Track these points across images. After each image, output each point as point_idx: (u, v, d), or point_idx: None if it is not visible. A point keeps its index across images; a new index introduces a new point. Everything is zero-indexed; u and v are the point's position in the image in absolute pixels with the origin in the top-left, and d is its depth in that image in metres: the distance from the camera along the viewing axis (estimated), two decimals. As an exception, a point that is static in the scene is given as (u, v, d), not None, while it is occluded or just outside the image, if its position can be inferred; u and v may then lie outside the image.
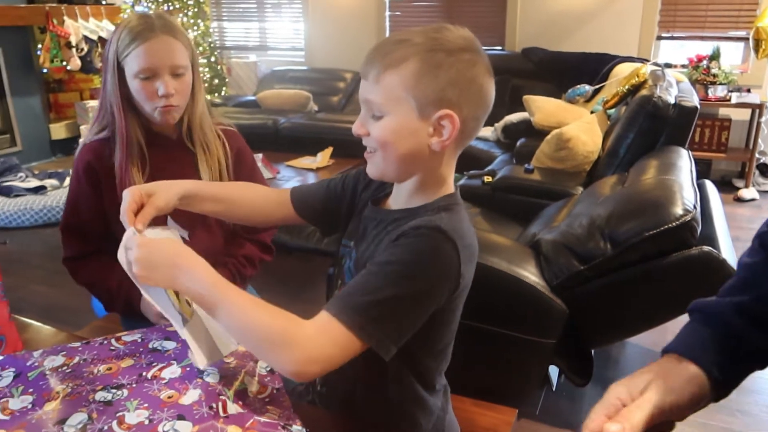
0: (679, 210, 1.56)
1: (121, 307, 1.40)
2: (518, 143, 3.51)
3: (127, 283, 1.23)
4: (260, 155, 3.69)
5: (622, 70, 3.68)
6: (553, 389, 2.07)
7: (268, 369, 0.88)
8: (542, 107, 3.59)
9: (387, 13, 5.29)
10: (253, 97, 5.39)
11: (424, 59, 0.81)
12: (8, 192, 3.87)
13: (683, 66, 4.35)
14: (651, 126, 2.42)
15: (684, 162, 2.06)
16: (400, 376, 0.92)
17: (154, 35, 1.25)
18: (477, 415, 1.19)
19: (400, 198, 0.94)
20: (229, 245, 1.53)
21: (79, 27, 4.97)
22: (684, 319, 0.76)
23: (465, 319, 0.95)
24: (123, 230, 1.35)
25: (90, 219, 1.37)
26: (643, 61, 3.82)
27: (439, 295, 0.82)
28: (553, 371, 2.09)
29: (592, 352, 1.80)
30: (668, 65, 4.17)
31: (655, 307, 1.66)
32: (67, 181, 4.12)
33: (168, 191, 0.97)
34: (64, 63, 4.96)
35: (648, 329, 1.76)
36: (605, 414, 0.62)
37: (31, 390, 0.76)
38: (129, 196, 0.92)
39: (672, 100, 2.41)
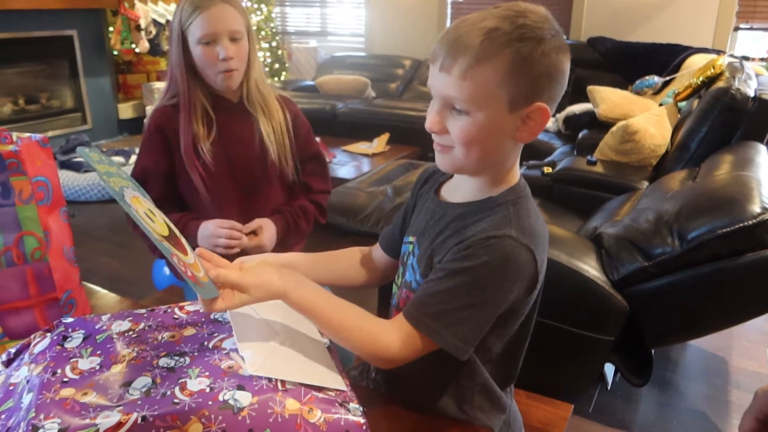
0: (756, 208, 1.48)
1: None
2: (580, 135, 3.42)
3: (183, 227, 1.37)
4: (317, 139, 3.72)
5: (694, 62, 3.51)
6: (608, 388, 2.02)
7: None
8: (607, 98, 3.47)
9: (449, 0, 5.22)
10: (312, 82, 5.44)
11: (516, 50, 0.74)
12: (78, 167, 4.05)
13: (762, 59, 4.12)
14: (727, 120, 2.30)
15: (762, 158, 1.94)
16: (453, 365, 0.90)
17: (213, 4, 1.37)
18: (532, 408, 1.16)
19: (464, 189, 0.90)
20: (288, 199, 1.60)
21: (149, 10, 5.13)
22: (753, 324, 0.73)
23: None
24: (190, 194, 1.44)
25: (154, 170, 1.46)
26: (719, 52, 3.63)
27: (515, 296, 0.82)
28: (609, 369, 2.03)
29: (653, 352, 1.73)
30: (745, 58, 3.96)
31: (725, 309, 1.58)
32: (133, 158, 4.27)
33: (268, 260, 1.01)
34: (134, 45, 5.13)
35: (715, 332, 1.68)
36: (756, 416, 0.63)
37: (99, 352, 0.78)
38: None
39: (751, 93, 2.28)
